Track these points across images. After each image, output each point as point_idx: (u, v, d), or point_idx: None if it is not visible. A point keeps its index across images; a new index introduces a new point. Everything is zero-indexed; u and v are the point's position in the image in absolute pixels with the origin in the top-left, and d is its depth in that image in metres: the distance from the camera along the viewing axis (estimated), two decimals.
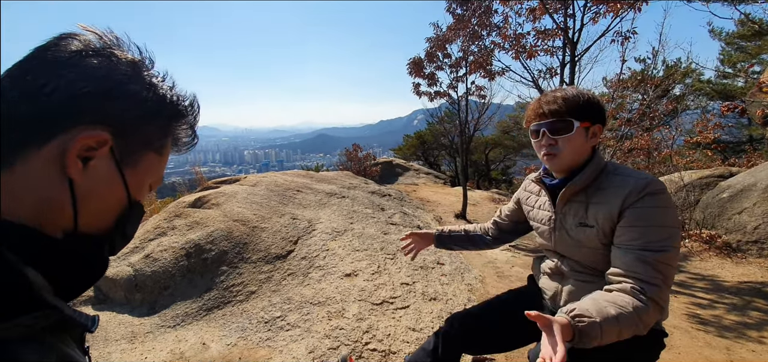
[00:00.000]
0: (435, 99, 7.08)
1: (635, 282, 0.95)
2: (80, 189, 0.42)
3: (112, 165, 0.45)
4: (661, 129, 6.74)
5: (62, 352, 0.37)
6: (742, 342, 2.38)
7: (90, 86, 0.41)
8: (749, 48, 11.95)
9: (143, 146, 0.48)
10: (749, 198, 4.42)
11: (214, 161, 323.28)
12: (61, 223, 0.43)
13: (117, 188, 0.46)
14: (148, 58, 0.49)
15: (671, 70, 11.72)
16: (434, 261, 3.15)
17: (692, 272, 3.86)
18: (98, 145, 0.42)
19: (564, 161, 1.12)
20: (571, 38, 4.20)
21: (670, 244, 0.96)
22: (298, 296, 2.49)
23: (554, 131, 1.11)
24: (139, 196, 0.51)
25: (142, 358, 2.11)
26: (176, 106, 0.51)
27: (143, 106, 0.46)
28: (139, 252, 2.98)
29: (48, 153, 0.40)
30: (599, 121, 1.11)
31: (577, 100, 1.09)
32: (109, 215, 0.48)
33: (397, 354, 1.95)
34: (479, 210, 7.42)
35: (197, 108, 0.55)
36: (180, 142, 0.55)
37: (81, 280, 0.46)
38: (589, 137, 1.11)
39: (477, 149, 17.33)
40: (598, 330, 0.84)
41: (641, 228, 0.98)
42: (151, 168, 0.51)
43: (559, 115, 1.09)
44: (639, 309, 0.91)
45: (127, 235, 0.52)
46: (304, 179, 5.20)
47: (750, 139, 12.44)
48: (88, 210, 0.44)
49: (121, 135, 0.44)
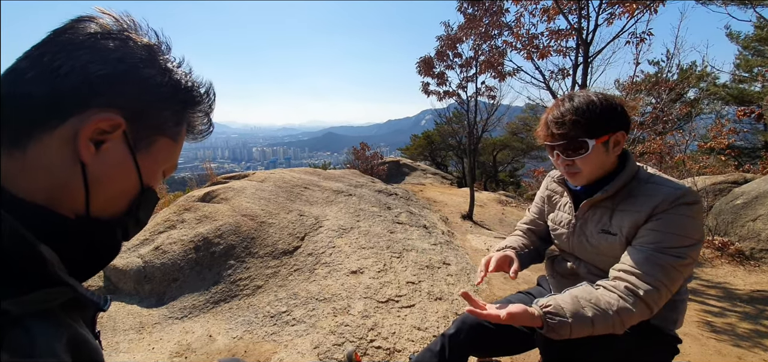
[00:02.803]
0: (444, 98, 7.05)
1: (632, 281, 0.93)
2: (92, 173, 0.42)
3: (125, 149, 0.44)
4: (674, 133, 6.61)
5: (74, 330, 0.38)
6: (756, 351, 2.33)
7: (105, 69, 0.41)
8: (767, 52, 11.65)
9: (157, 131, 0.48)
10: (764, 205, 4.32)
11: (223, 157, 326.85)
12: (73, 206, 0.43)
13: (129, 173, 0.46)
14: (165, 44, 0.49)
15: (686, 74, 11.50)
16: (440, 261, 3.14)
17: (704, 279, 3.78)
18: (111, 128, 0.42)
19: (587, 178, 1.05)
20: (585, 39, 4.15)
21: (685, 253, 0.92)
22: (304, 292, 2.50)
23: (569, 153, 1.02)
24: (153, 182, 0.50)
25: (150, 348, 2.14)
26: (191, 93, 0.50)
27: (158, 91, 0.46)
28: (149, 244, 3.02)
29: (61, 135, 0.40)
30: (621, 127, 1.00)
31: (589, 114, 0.98)
32: (122, 200, 0.47)
33: (401, 352, 1.95)
34: (486, 212, 7.38)
35: (213, 96, 0.54)
36: (195, 129, 0.54)
37: (93, 261, 0.47)
38: (611, 148, 1.01)
39: (485, 150, 17.22)
40: (568, 330, 0.90)
41: (661, 233, 0.95)
42: (165, 154, 0.50)
43: (569, 137, 0.99)
44: (623, 310, 0.91)
45: (141, 221, 0.52)
46: (312, 176, 5.23)
47: (766, 145, 12.15)
48: (100, 194, 0.44)
49: (135, 119, 0.44)
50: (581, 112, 0.98)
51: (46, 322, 0.34)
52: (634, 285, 0.93)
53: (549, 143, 1.05)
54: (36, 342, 0.32)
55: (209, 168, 6.31)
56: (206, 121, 0.55)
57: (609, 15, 4.12)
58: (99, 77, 0.41)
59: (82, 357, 0.37)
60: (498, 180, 17.89)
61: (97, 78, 0.40)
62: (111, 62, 0.42)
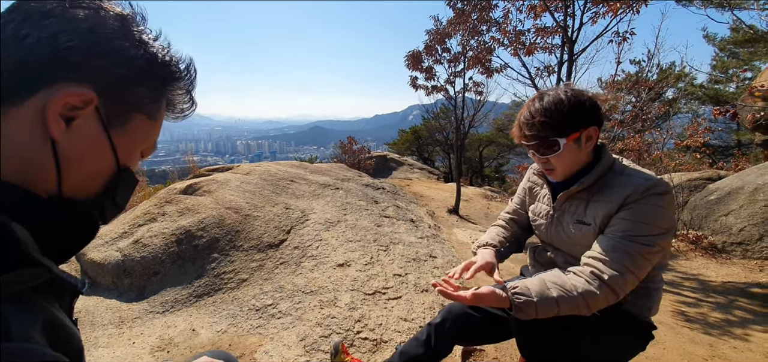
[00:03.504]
0: (432, 93, 7.07)
1: (598, 266, 0.97)
2: (64, 151, 0.40)
3: (98, 126, 0.42)
4: (653, 131, 6.83)
5: (50, 314, 0.36)
6: (726, 339, 2.44)
7: (74, 39, 0.38)
8: (742, 54, 12.14)
9: (132, 108, 0.45)
10: (736, 200, 4.52)
11: (206, 150, 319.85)
12: (45, 186, 0.40)
13: (104, 151, 0.44)
14: (140, 14, 0.45)
15: (665, 74, 11.86)
16: (427, 254, 3.16)
17: (678, 271, 3.94)
18: (83, 104, 0.39)
19: (563, 173, 1.09)
20: (570, 37, 4.22)
21: (653, 241, 0.95)
22: (290, 285, 2.48)
23: (541, 151, 1.05)
24: (130, 162, 0.48)
25: (130, 343, 2.08)
26: (169, 68, 0.47)
27: (132, 65, 0.43)
28: (128, 237, 2.93)
29: (30, 109, 0.37)
30: (592, 123, 1.02)
31: (557, 113, 0.99)
32: (97, 180, 0.45)
33: (388, 343, 1.96)
34: (472, 206, 7.47)
35: (194, 72, 0.52)
36: (176, 107, 0.52)
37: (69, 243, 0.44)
38: (583, 144, 1.03)
39: (471, 146, 17.41)
40: (533, 308, 0.95)
41: (631, 222, 0.98)
42: (142, 133, 0.48)
43: (540, 138, 1.02)
44: (587, 293, 0.95)
45: (118, 204, 0.50)
46: (298, 170, 5.17)
47: (739, 144, 12.69)
48: (72, 173, 0.42)
49: (108, 95, 0.42)
50: (550, 113, 1.00)
51: (19, 305, 0.32)
52: (599, 270, 0.96)
53: (524, 143, 1.09)
54: (10, 327, 0.30)
55: (192, 160, 6.16)
56: (187, 98, 0.52)
57: (593, 13, 4.21)
58: (68, 48, 0.38)
59: (58, 341, 0.35)
60: (484, 175, 18.13)
61: (66, 49, 0.38)
62: (81, 33, 0.39)
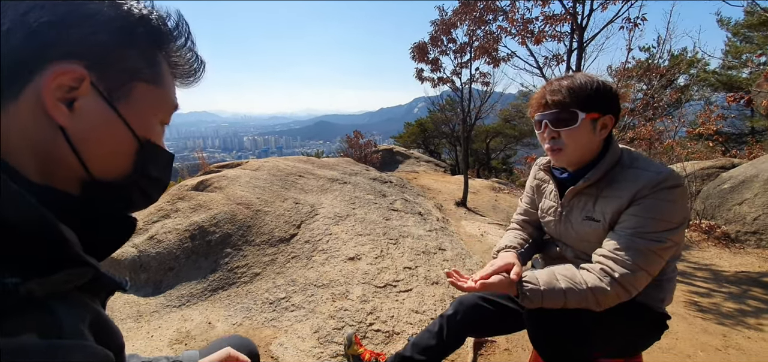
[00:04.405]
0: (438, 85, 7.03)
1: (609, 264, 0.96)
2: (75, 135, 0.39)
3: (100, 102, 0.41)
4: (664, 119, 6.71)
5: (96, 312, 0.37)
6: (739, 329, 2.42)
7: (44, 14, 0.36)
8: (756, 38, 11.82)
9: (130, 76, 0.43)
10: (750, 189, 4.44)
11: (213, 147, 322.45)
12: (71, 175, 0.41)
13: (116, 127, 0.42)
14: None
15: (676, 60, 11.60)
16: (436, 247, 3.18)
17: (691, 261, 3.89)
18: (76, 81, 0.38)
19: (569, 157, 1.06)
20: (580, 24, 4.15)
21: (665, 237, 0.94)
22: (302, 278, 2.52)
23: (557, 123, 1.02)
24: (149, 134, 0.46)
25: (149, 336, 2.14)
26: (152, 25, 0.44)
27: (110, 27, 0.40)
28: (143, 233, 2.99)
29: (28, 101, 0.36)
30: (610, 111, 1.02)
31: (585, 89, 1.00)
32: (122, 159, 0.44)
33: (400, 334, 1.99)
34: (480, 199, 7.45)
35: (185, 27, 0.48)
36: (179, 68, 0.49)
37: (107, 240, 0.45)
38: (598, 129, 1.02)
39: (478, 138, 17.28)
40: (539, 297, 0.96)
41: (642, 218, 0.97)
42: (151, 101, 0.46)
43: (562, 105, 1.00)
44: (597, 289, 0.95)
45: (155, 177, 0.49)
46: (306, 165, 5.20)
47: (752, 131, 12.41)
48: (93, 156, 0.41)
49: (99, 67, 0.40)
50: (578, 85, 1.01)
51: (69, 304, 0.34)
52: (610, 267, 0.96)
53: (540, 114, 1.06)
54: (62, 324, 0.32)
55: (202, 157, 6.24)
56: (189, 56, 0.49)
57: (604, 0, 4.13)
58: (42, 25, 0.36)
59: (103, 337, 0.37)
60: (491, 167, 18.02)
61: (39, 26, 0.36)
62: (48, 5, 0.37)
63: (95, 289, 0.40)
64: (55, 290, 0.33)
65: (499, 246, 1.29)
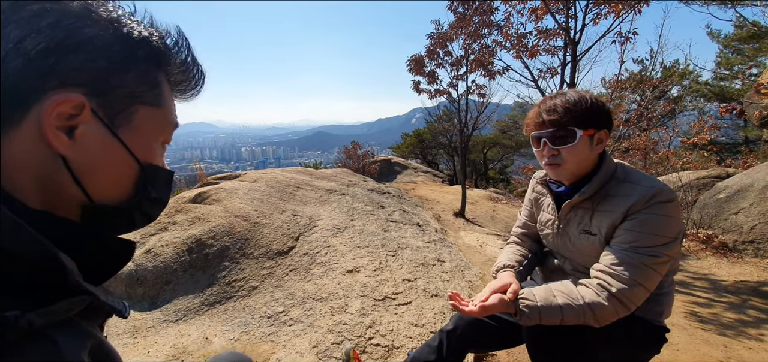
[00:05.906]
0: (435, 97, 7.09)
1: (606, 279, 0.97)
2: (76, 163, 0.38)
3: (102, 129, 0.40)
4: (659, 130, 6.79)
5: (97, 338, 0.37)
6: (740, 340, 2.41)
7: (41, 41, 0.35)
8: (746, 50, 12.05)
9: (131, 101, 0.42)
10: (746, 198, 4.47)
11: (211, 158, 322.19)
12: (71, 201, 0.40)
13: (118, 154, 0.42)
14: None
15: (669, 72, 11.80)
16: (435, 258, 3.17)
17: (690, 271, 3.90)
18: (76, 109, 0.37)
19: (567, 171, 1.08)
20: (573, 38, 4.23)
21: (660, 251, 0.95)
22: (300, 292, 2.50)
23: (555, 141, 1.05)
24: (151, 158, 0.46)
25: (145, 352, 2.11)
26: (151, 44, 0.43)
27: (109, 52, 0.39)
28: (140, 246, 2.97)
29: (29, 129, 0.36)
30: (605, 126, 1.05)
31: (580, 107, 1.02)
32: (123, 184, 0.44)
33: (399, 349, 1.97)
34: (478, 209, 7.45)
35: (184, 42, 0.47)
36: (179, 85, 0.48)
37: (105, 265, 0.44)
38: (594, 145, 1.05)
39: (475, 148, 17.37)
40: (537, 313, 0.97)
41: (636, 232, 0.98)
42: (152, 124, 0.45)
43: (559, 124, 1.03)
44: (595, 305, 0.95)
45: (155, 198, 0.48)
46: (304, 176, 5.20)
47: (746, 141, 12.56)
48: (94, 182, 0.40)
49: (98, 93, 0.39)
50: (573, 103, 1.03)
51: (69, 331, 0.34)
52: (607, 283, 0.96)
53: (538, 132, 1.08)
54: (62, 352, 0.32)
55: (200, 169, 6.22)
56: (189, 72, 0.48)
57: (595, 14, 4.21)
58: (39, 52, 0.35)
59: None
60: (488, 177, 18.08)
61: (37, 54, 0.35)
62: (45, 31, 0.35)
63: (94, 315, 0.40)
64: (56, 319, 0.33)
65: (498, 265, 1.29)
